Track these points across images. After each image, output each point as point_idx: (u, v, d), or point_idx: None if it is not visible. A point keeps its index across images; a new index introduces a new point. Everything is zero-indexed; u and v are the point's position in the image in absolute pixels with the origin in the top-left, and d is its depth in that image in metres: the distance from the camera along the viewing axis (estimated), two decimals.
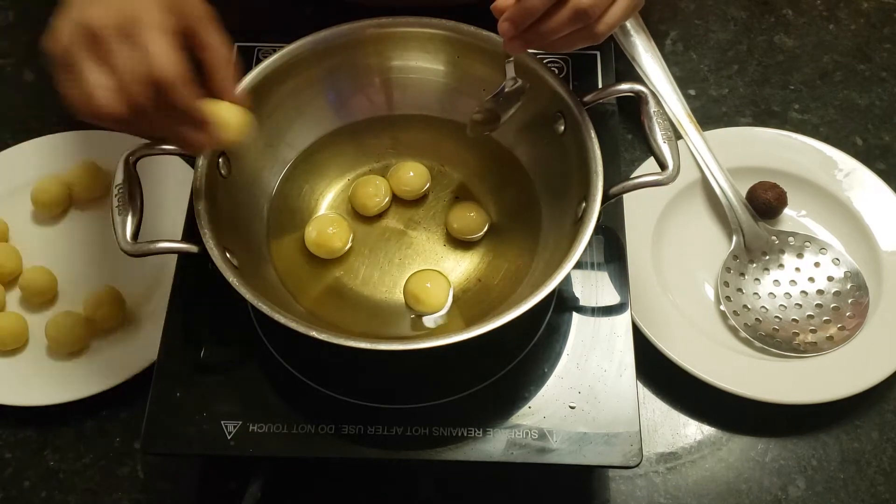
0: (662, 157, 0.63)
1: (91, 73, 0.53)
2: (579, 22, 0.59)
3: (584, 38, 0.61)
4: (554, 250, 0.65)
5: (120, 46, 0.53)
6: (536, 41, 0.60)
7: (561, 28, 0.59)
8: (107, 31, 0.53)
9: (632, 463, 0.61)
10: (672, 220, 0.79)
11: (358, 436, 0.62)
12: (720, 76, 0.92)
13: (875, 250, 0.77)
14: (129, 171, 0.62)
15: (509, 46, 0.61)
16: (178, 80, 0.53)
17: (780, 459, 0.71)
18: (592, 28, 0.60)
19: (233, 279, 0.59)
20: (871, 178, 0.80)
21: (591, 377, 0.64)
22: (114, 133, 0.84)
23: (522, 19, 0.59)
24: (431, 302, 0.67)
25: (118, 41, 0.53)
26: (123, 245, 0.60)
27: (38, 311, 0.77)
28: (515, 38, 0.60)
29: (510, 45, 0.61)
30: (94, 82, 0.53)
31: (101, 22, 0.53)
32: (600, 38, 0.60)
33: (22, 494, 0.70)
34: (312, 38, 0.70)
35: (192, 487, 0.71)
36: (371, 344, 0.57)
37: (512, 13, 0.59)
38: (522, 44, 0.61)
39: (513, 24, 0.59)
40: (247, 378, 0.65)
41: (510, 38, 0.60)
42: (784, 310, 0.75)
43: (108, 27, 0.53)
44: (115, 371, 0.72)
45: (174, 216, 0.79)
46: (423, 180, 0.73)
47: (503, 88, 0.66)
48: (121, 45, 0.53)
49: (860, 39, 0.95)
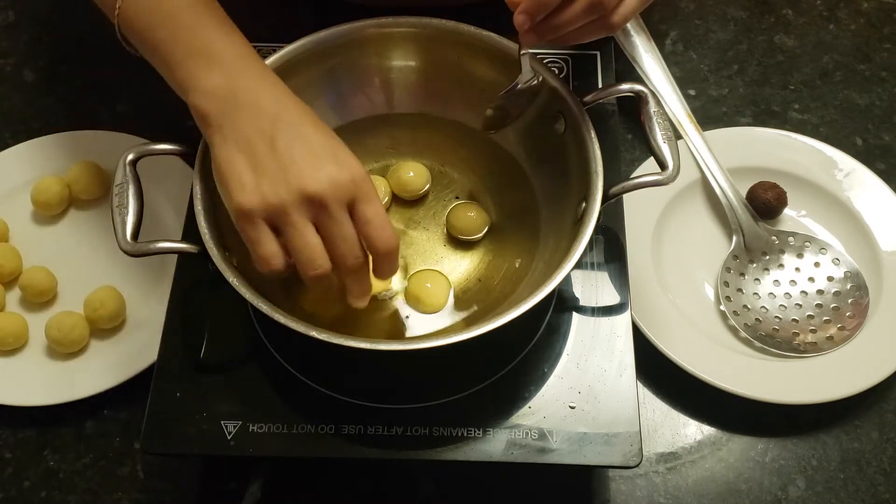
0: (662, 157, 0.63)
1: (313, 237, 0.56)
2: (594, 13, 0.59)
3: (598, 30, 0.61)
4: (554, 250, 0.65)
5: (345, 216, 0.56)
6: (551, 33, 0.60)
7: (576, 19, 0.59)
8: (333, 202, 0.55)
9: (632, 463, 0.61)
10: (672, 220, 0.79)
11: (358, 436, 0.62)
12: (720, 76, 0.92)
13: (875, 250, 0.77)
14: (129, 171, 0.62)
15: (524, 39, 0.61)
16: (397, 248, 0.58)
17: (780, 459, 0.71)
18: (607, 19, 0.60)
19: (233, 279, 0.59)
20: (871, 178, 0.80)
21: (591, 377, 0.64)
22: (114, 133, 0.84)
23: (538, 11, 0.59)
24: (431, 302, 0.67)
25: (343, 211, 0.56)
26: (123, 245, 0.60)
27: (38, 311, 0.77)
28: (530, 30, 0.60)
29: (525, 37, 0.61)
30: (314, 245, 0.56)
31: (325, 189, 0.55)
32: (615, 29, 0.61)
33: (22, 494, 0.70)
34: (312, 37, 0.70)
35: (192, 487, 0.71)
36: (371, 344, 0.57)
37: (527, 5, 0.59)
38: (537, 36, 0.61)
39: (528, 16, 0.59)
40: (247, 378, 0.65)
41: (525, 31, 0.60)
42: (784, 310, 0.75)
43: (335, 198, 0.55)
44: (115, 371, 0.72)
45: (174, 216, 0.79)
46: (423, 180, 0.73)
47: (517, 84, 0.66)
48: (344, 213, 0.56)
49: (860, 39, 0.95)
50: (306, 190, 0.55)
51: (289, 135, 0.57)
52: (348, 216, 0.56)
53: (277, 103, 0.59)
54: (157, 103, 0.88)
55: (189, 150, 0.64)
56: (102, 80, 0.91)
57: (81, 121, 0.87)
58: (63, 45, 0.95)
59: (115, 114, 0.88)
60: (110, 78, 0.91)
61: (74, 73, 0.92)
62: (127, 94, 0.89)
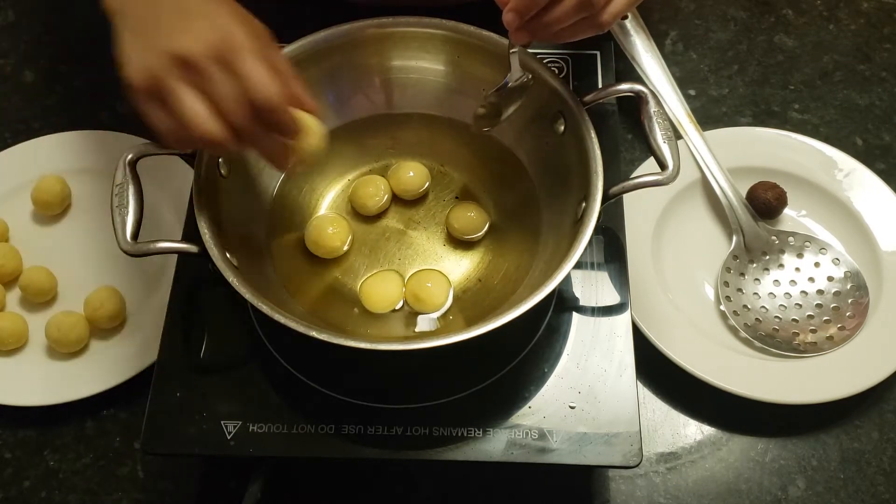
0: (662, 157, 0.63)
1: (192, 101, 0.54)
2: (584, 11, 0.59)
3: (589, 28, 0.61)
4: (554, 250, 0.65)
5: (220, 74, 0.54)
6: (541, 31, 0.60)
7: (566, 17, 0.59)
8: (204, 60, 0.54)
9: (632, 463, 0.61)
10: (672, 220, 0.79)
11: (358, 436, 0.62)
12: (720, 76, 0.92)
13: (875, 250, 0.77)
14: (129, 171, 0.62)
15: (514, 37, 0.61)
16: (282, 100, 0.55)
17: (780, 459, 0.71)
18: (597, 17, 0.60)
19: (233, 279, 0.59)
20: (871, 178, 0.80)
21: (591, 377, 0.64)
22: (114, 133, 0.84)
23: (527, 9, 0.59)
24: (431, 302, 0.67)
25: (217, 69, 0.54)
26: (123, 245, 0.60)
27: (38, 311, 0.77)
28: (520, 28, 0.60)
29: (515, 35, 0.61)
30: (196, 110, 0.54)
31: (196, 50, 0.53)
32: (605, 27, 0.60)
33: (22, 494, 0.70)
34: (312, 38, 0.70)
35: (192, 487, 0.71)
36: (371, 344, 0.57)
37: (517, 3, 0.59)
38: (527, 34, 0.61)
39: (517, 14, 0.59)
40: (247, 378, 0.65)
41: (515, 29, 0.60)
42: (784, 310, 0.75)
43: (205, 56, 0.54)
44: (115, 371, 0.72)
45: (174, 216, 0.79)
46: (422, 180, 0.73)
47: (506, 83, 0.66)
48: (220, 72, 0.54)
49: (860, 39, 0.95)
50: (174, 52, 0.53)
51: (169, 8, 0.56)
52: (227, 75, 0.54)
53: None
54: None
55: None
56: (102, 80, 0.91)
57: (81, 121, 0.87)
58: (63, 45, 0.95)
59: (115, 114, 0.88)
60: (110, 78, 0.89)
61: (74, 73, 0.92)
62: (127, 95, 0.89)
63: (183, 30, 0.54)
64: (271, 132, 0.57)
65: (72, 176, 0.82)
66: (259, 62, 0.55)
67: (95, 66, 0.92)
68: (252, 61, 0.54)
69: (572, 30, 0.61)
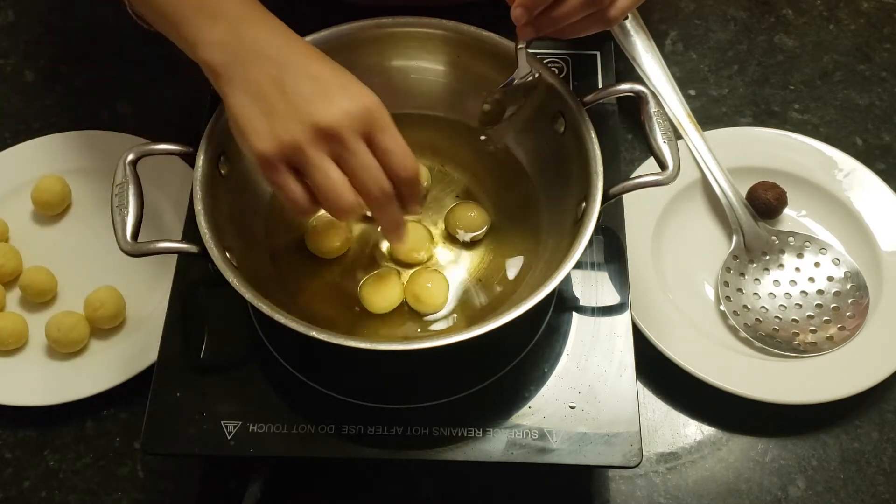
0: (662, 157, 0.63)
1: (335, 173, 0.55)
2: (592, 7, 0.59)
3: (596, 23, 0.61)
4: (554, 250, 0.65)
5: (363, 147, 0.55)
6: (549, 27, 0.60)
7: (574, 13, 0.59)
8: (348, 132, 0.54)
9: (632, 463, 0.61)
10: (672, 220, 0.79)
11: (358, 436, 0.62)
12: (720, 76, 0.92)
13: (875, 250, 0.77)
14: (129, 171, 0.62)
15: (522, 32, 0.61)
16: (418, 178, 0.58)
17: (780, 459, 0.71)
18: (605, 13, 0.60)
19: (233, 279, 0.59)
20: (871, 178, 0.81)
21: (591, 377, 0.64)
22: (114, 133, 0.84)
23: (535, 4, 0.59)
24: (431, 302, 0.67)
25: (359, 141, 0.55)
26: (123, 245, 0.60)
27: (38, 311, 0.77)
28: (528, 24, 0.60)
29: (523, 31, 0.61)
30: (339, 182, 0.55)
31: (340, 122, 0.54)
32: (613, 22, 0.61)
33: (22, 494, 0.70)
34: (312, 38, 0.70)
35: (192, 487, 0.71)
36: (371, 344, 0.57)
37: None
38: (535, 30, 0.61)
39: (526, 9, 0.59)
40: (247, 378, 0.65)
41: (523, 25, 0.60)
42: (784, 310, 0.75)
43: (349, 127, 0.54)
44: (115, 371, 0.72)
45: (174, 216, 0.79)
46: (422, 180, 0.73)
47: (513, 79, 0.66)
48: (362, 144, 0.55)
49: (860, 39, 0.95)
50: (318, 124, 0.54)
51: (296, 75, 0.56)
52: (366, 147, 0.55)
53: (283, 47, 0.58)
54: (157, 103, 0.88)
55: (189, 150, 0.64)
56: (102, 80, 0.91)
57: (81, 121, 0.87)
58: (63, 45, 0.95)
59: (115, 114, 0.88)
60: (110, 78, 0.91)
61: (74, 73, 0.92)
62: (127, 94, 0.89)
63: (322, 99, 0.55)
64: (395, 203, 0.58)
65: (72, 176, 0.82)
66: (398, 135, 0.56)
67: (95, 66, 0.92)
68: (392, 134, 0.56)
69: (580, 25, 0.61)
